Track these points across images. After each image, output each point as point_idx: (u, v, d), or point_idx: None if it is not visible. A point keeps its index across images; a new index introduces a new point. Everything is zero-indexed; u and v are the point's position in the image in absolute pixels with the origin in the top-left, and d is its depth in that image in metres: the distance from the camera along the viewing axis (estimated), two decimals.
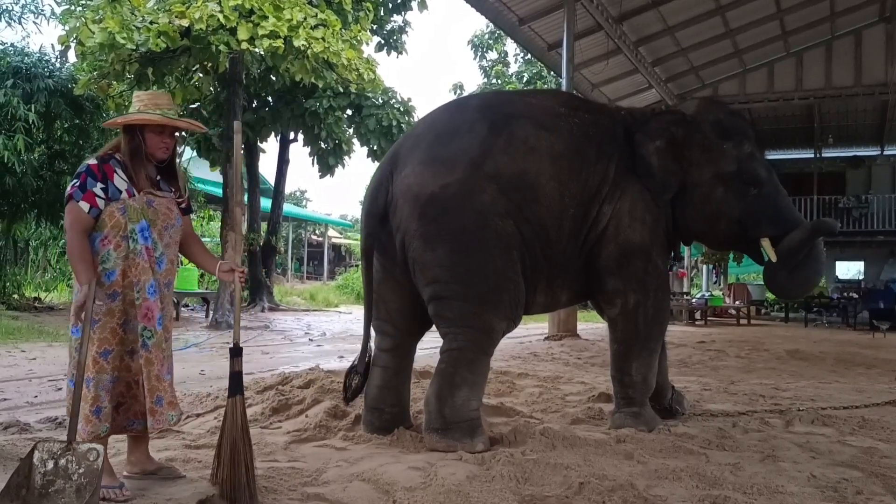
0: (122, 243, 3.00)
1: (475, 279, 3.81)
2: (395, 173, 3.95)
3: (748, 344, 10.79)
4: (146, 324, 3.00)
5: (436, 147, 3.94)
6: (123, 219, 3.00)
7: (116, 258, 2.99)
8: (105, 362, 2.94)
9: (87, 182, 2.97)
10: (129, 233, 3.01)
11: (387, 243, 3.99)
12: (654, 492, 3.07)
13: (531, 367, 7.29)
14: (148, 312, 3.01)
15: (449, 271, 3.80)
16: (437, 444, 3.71)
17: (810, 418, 4.70)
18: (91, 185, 2.97)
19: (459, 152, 3.89)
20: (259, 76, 16.18)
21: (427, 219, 3.80)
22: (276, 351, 9.57)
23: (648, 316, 4.24)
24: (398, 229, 3.90)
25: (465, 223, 3.79)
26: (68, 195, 2.97)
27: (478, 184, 3.83)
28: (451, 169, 3.84)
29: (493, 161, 3.88)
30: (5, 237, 14.05)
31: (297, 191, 44.60)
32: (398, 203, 3.88)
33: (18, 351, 8.12)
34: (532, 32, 13.82)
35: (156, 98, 3.16)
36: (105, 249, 2.99)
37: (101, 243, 2.99)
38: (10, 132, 11.77)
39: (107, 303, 2.96)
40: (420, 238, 3.82)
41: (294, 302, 20.58)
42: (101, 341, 2.94)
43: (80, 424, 2.87)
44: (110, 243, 3.00)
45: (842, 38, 17.48)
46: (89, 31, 10.84)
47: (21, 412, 4.78)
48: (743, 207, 4.41)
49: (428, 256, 3.81)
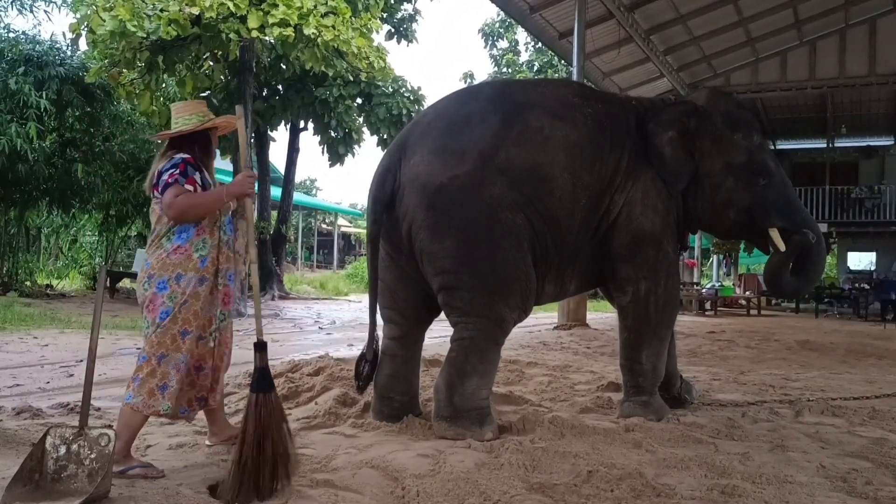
0: (216, 232, 3.24)
1: (485, 270, 3.80)
2: (403, 160, 3.93)
3: (758, 334, 10.76)
4: (223, 308, 3.26)
5: (446, 136, 3.92)
6: (218, 211, 3.23)
7: (211, 246, 3.21)
8: (182, 342, 3.11)
9: (188, 170, 3.15)
10: (222, 224, 3.26)
11: (393, 230, 3.97)
12: (662, 480, 3.07)
13: (540, 356, 7.29)
14: (226, 297, 3.26)
15: (458, 262, 3.79)
16: (446, 432, 3.72)
17: (820, 409, 4.69)
18: (192, 172, 3.17)
19: (470, 143, 3.87)
20: (269, 64, 16.18)
21: (435, 210, 3.79)
22: (287, 339, 9.62)
23: (659, 304, 4.23)
24: (405, 217, 3.88)
25: (474, 215, 3.77)
26: (167, 182, 3.09)
27: (487, 176, 3.81)
28: (460, 160, 3.82)
29: (506, 153, 3.86)
30: (18, 224, 14.13)
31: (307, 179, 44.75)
32: (405, 191, 3.87)
33: (31, 337, 8.18)
34: (543, 21, 13.75)
35: (201, 106, 3.41)
36: (200, 238, 3.19)
37: (196, 231, 3.19)
38: (22, 120, 11.81)
39: (195, 286, 3.13)
40: (427, 228, 3.80)
41: (304, 290, 20.63)
42: (184, 321, 3.11)
43: (142, 398, 3.03)
44: (205, 232, 3.21)
45: (856, 27, 17.30)
46: (100, 20, 10.87)
47: (33, 398, 4.82)
48: (752, 198, 4.43)
49: (436, 247, 3.80)
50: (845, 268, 22.88)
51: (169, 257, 3.12)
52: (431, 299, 4.02)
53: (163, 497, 2.67)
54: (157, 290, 3.10)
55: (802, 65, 18.08)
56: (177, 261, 3.12)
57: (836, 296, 18.34)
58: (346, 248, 37.50)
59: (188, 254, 3.13)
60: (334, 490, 2.84)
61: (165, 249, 3.14)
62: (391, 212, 3.93)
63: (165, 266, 3.11)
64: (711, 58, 17.67)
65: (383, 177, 3.96)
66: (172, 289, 3.09)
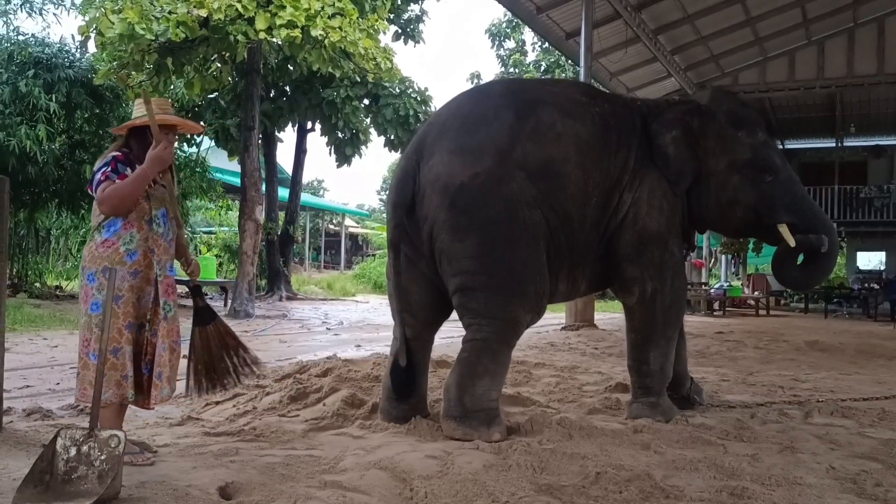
0: (145, 226, 3.30)
1: (503, 271, 3.80)
2: (421, 163, 3.93)
3: (767, 335, 10.72)
4: (167, 298, 3.32)
5: (463, 135, 3.92)
6: (147, 204, 3.30)
7: (139, 240, 3.28)
8: (129, 334, 3.22)
9: (119, 167, 3.25)
10: (154, 217, 3.31)
11: (413, 234, 3.97)
12: (671, 482, 3.06)
13: (548, 357, 7.28)
14: (169, 288, 3.34)
15: (477, 262, 3.79)
16: (455, 432, 3.73)
17: (829, 410, 4.67)
18: (122, 169, 3.26)
19: (487, 140, 3.87)
20: (277, 66, 16.21)
21: (456, 209, 3.78)
22: (294, 339, 9.63)
23: (665, 304, 4.23)
24: (426, 220, 3.87)
25: (495, 213, 3.78)
26: (100, 179, 3.21)
27: (507, 172, 3.81)
28: (479, 157, 3.82)
29: (522, 148, 3.87)
30: (27, 226, 14.19)
31: (314, 180, 44.77)
32: (426, 193, 3.86)
33: (41, 339, 8.23)
34: (550, 21, 13.71)
35: (162, 103, 3.51)
36: (128, 232, 3.27)
37: (123, 226, 3.27)
38: (31, 122, 11.87)
39: (129, 280, 3.23)
40: (449, 229, 3.80)
41: (311, 291, 20.68)
42: (125, 315, 3.22)
43: (112, 390, 3.14)
44: (133, 226, 3.28)
45: (864, 26, 17.19)
46: (109, 22, 10.90)
47: (43, 399, 4.84)
48: (758, 195, 4.43)
49: (456, 247, 3.80)
50: (855, 267, 22.76)
51: (97, 250, 3.24)
52: (445, 302, 4.03)
53: (172, 498, 2.69)
54: (88, 282, 3.23)
55: (811, 64, 17.98)
56: (104, 254, 3.22)
57: (845, 296, 18.25)
58: (354, 249, 37.54)
59: (115, 247, 3.24)
60: (342, 491, 2.84)
61: (95, 242, 3.27)
62: (412, 215, 3.93)
63: (94, 259, 3.23)
64: (719, 57, 17.60)
65: (403, 181, 3.96)
66: (100, 281, 3.18)
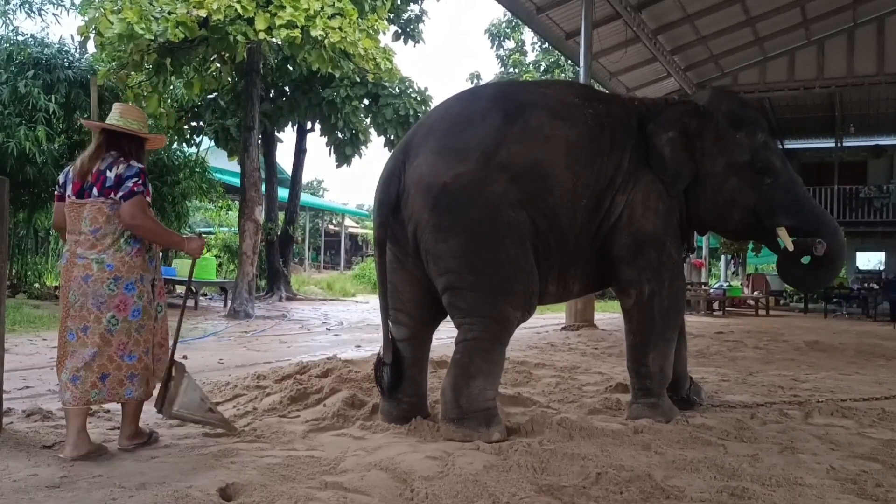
0: None
1: (489, 269, 3.80)
2: (407, 163, 3.94)
3: (767, 335, 10.72)
4: (160, 300, 3.62)
5: (449, 137, 3.93)
6: None
7: (155, 248, 3.64)
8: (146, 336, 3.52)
9: (146, 181, 3.49)
10: None
11: (399, 233, 3.98)
12: (671, 483, 3.06)
13: (548, 357, 7.28)
14: (161, 290, 3.64)
15: (462, 262, 3.79)
16: (454, 434, 3.73)
17: (830, 410, 4.67)
18: (147, 184, 3.50)
19: (472, 142, 3.87)
20: (276, 66, 16.20)
21: (439, 209, 3.79)
22: (294, 340, 9.63)
23: (664, 306, 4.22)
24: (410, 219, 3.89)
25: (478, 214, 3.78)
26: (132, 190, 3.41)
27: (490, 174, 3.81)
28: (463, 159, 3.83)
29: (507, 150, 3.86)
30: (26, 227, 14.18)
31: (314, 180, 44.76)
32: (410, 193, 3.87)
33: (40, 339, 8.22)
34: (549, 21, 13.72)
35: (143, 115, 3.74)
36: (144, 242, 3.53)
37: None
38: (31, 123, 11.85)
39: (147, 287, 3.51)
40: (432, 229, 3.81)
41: (311, 291, 20.66)
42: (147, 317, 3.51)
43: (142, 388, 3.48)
44: None
45: (864, 26, 17.20)
46: (108, 22, 10.89)
47: (43, 400, 4.83)
48: (757, 197, 4.39)
49: (440, 247, 3.81)
50: (854, 267, 22.74)
51: (133, 260, 3.44)
52: (438, 300, 4.02)
53: (172, 499, 2.69)
54: (126, 291, 3.41)
55: (810, 64, 17.99)
56: (139, 263, 3.47)
57: (845, 296, 18.25)
58: (353, 249, 37.52)
59: (143, 257, 3.50)
60: (343, 492, 2.85)
61: (127, 252, 3.44)
62: (397, 214, 3.94)
63: (131, 268, 3.44)
64: (719, 57, 17.61)
65: (388, 180, 3.97)
66: (140, 289, 3.45)
